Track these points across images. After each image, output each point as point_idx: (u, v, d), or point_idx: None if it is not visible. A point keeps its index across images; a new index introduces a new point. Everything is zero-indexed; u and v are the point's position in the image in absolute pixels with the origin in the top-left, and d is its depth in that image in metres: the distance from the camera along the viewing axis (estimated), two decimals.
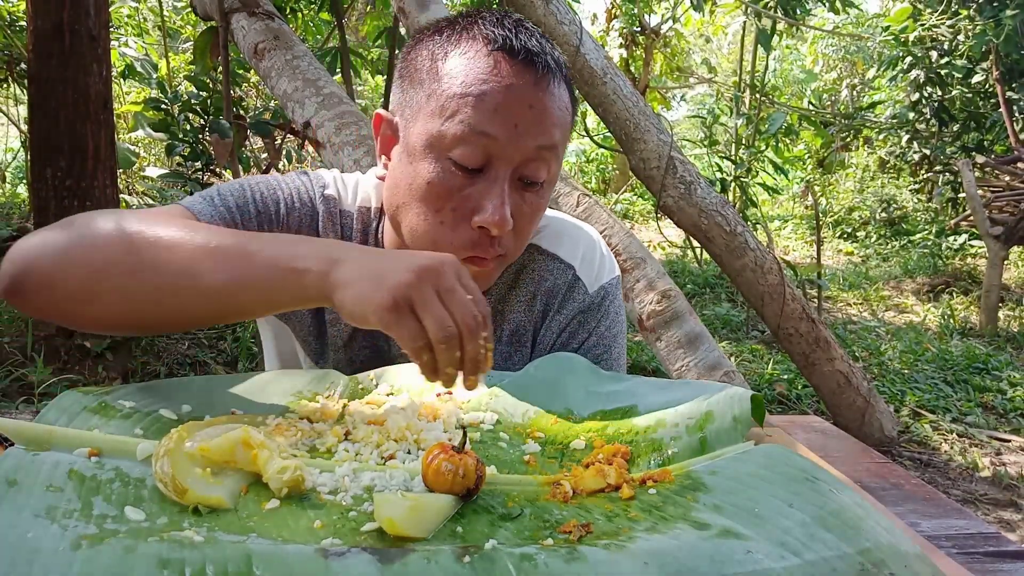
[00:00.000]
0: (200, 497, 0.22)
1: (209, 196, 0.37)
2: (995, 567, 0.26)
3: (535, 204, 0.36)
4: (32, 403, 1.18)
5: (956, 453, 1.41)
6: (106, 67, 1.43)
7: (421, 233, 0.35)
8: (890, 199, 3.87)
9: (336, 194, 0.40)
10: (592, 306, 0.41)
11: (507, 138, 0.33)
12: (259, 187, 0.38)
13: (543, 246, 0.41)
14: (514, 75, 0.33)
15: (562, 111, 0.35)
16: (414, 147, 0.35)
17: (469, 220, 0.34)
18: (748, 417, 0.30)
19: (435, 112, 0.34)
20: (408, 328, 0.26)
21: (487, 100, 0.33)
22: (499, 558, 0.20)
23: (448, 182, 0.34)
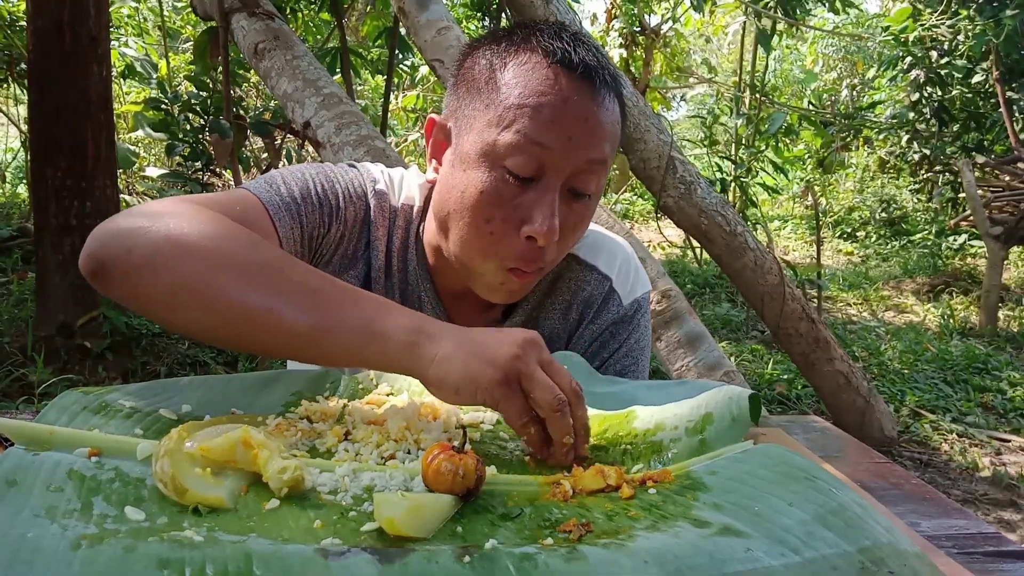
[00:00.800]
0: (200, 497, 0.22)
1: (275, 183, 0.36)
2: (995, 567, 0.26)
3: (581, 215, 0.36)
4: (32, 403, 1.18)
5: (956, 453, 1.41)
6: (106, 67, 1.43)
7: (470, 241, 0.36)
8: (890, 199, 3.87)
9: (387, 189, 0.41)
10: (625, 318, 0.42)
11: (561, 150, 0.34)
12: (319, 177, 0.38)
13: (581, 256, 0.42)
14: (572, 89, 0.34)
15: (614, 125, 0.36)
16: (468, 155, 0.35)
17: (518, 230, 0.35)
18: (747, 417, 0.30)
19: (492, 122, 0.35)
20: (518, 403, 0.27)
21: (544, 112, 0.34)
22: (499, 558, 0.20)
23: (500, 191, 0.34)
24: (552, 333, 0.42)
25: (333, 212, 0.38)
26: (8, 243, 2.04)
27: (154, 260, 0.28)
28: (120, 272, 0.29)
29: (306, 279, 0.29)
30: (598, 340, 0.42)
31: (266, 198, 0.35)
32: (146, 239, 0.29)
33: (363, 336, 0.28)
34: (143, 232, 0.29)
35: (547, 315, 0.42)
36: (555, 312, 0.42)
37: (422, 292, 0.41)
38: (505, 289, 0.37)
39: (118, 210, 1.47)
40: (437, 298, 0.41)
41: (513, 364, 0.26)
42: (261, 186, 0.36)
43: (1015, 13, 2.66)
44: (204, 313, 0.29)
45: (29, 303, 1.63)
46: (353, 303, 0.29)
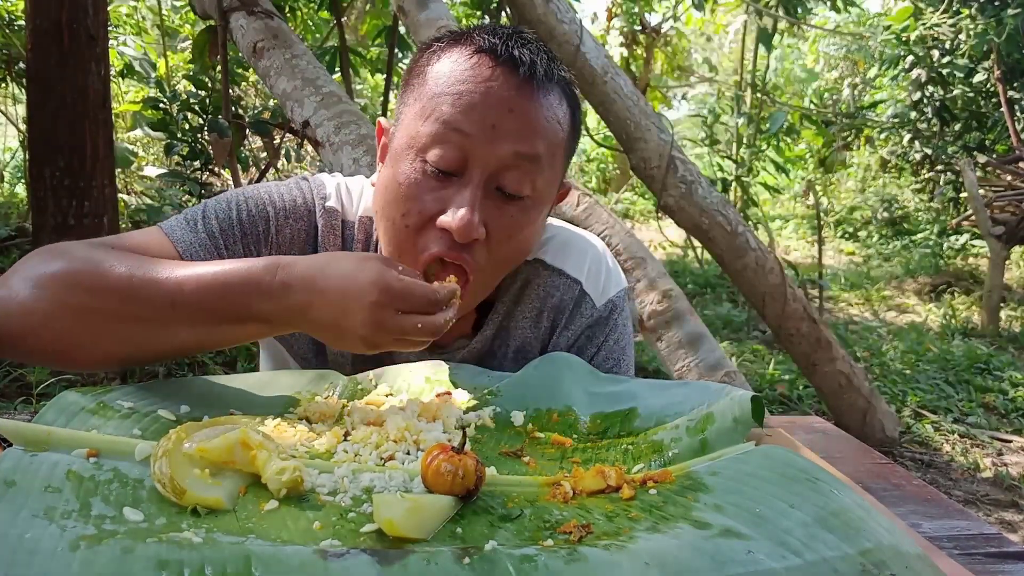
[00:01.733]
0: (199, 498, 0.22)
1: (193, 220, 0.36)
2: (996, 568, 0.25)
3: (517, 220, 0.34)
4: (30, 403, 1.18)
5: (958, 454, 1.41)
6: (105, 66, 1.43)
7: (390, 239, 0.35)
8: (892, 199, 3.87)
9: (339, 205, 0.39)
10: (600, 320, 0.40)
11: (482, 137, 0.32)
12: (249, 203, 0.37)
13: (548, 261, 0.40)
14: (495, 77, 0.32)
15: (551, 123, 0.33)
16: (396, 150, 0.34)
17: (435, 221, 0.33)
18: (748, 418, 0.30)
19: (418, 114, 0.34)
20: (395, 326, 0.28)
21: (464, 98, 0.32)
22: (499, 559, 0.20)
23: (420, 184, 0.33)
24: (524, 342, 0.40)
25: (261, 237, 0.37)
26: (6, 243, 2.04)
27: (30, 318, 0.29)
28: (9, 341, 0.30)
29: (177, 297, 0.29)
30: (574, 346, 0.40)
31: (178, 236, 0.35)
32: (17, 304, 0.29)
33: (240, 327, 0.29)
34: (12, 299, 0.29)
35: (517, 324, 0.40)
36: (525, 321, 0.40)
37: None
38: None
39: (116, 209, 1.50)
40: None
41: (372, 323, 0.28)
42: (177, 225, 0.36)
43: (1016, 12, 2.65)
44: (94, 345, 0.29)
45: None
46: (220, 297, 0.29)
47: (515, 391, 0.35)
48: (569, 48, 1.19)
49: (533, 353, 0.41)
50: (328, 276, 0.29)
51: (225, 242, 0.36)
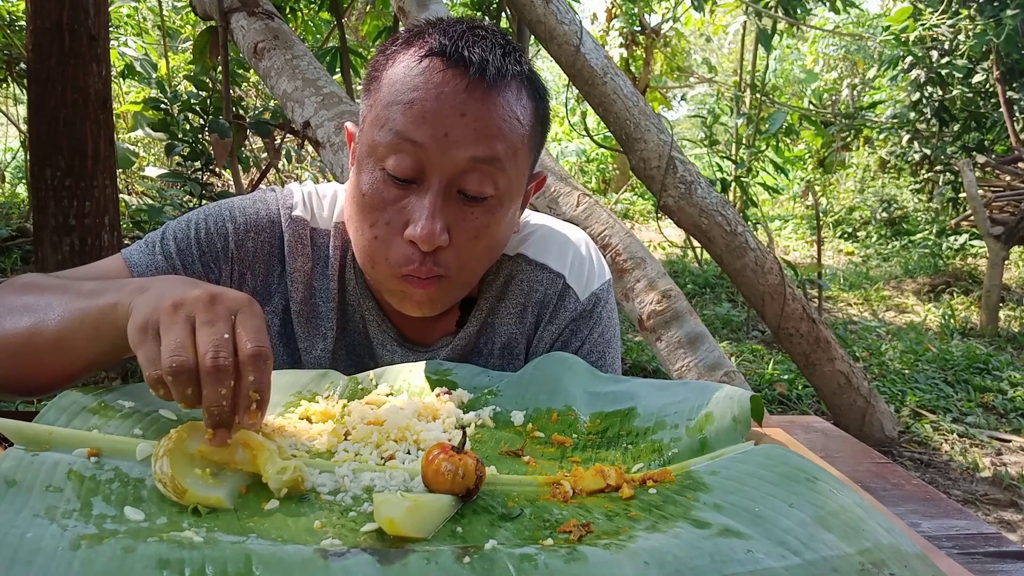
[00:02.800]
0: (200, 497, 0.22)
1: (151, 243, 0.36)
2: (996, 567, 0.25)
3: (482, 221, 0.33)
4: (31, 403, 1.18)
5: (957, 453, 1.41)
6: (105, 67, 1.43)
7: (360, 248, 0.34)
8: (891, 199, 3.87)
9: (307, 214, 0.38)
10: (584, 313, 0.40)
11: (436, 147, 0.31)
12: (208, 221, 0.37)
13: (530, 256, 0.40)
14: (445, 82, 0.31)
15: (508, 122, 0.32)
16: (359, 158, 0.34)
17: (402, 234, 0.33)
18: (748, 417, 0.30)
19: (374, 121, 0.33)
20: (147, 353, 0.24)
21: (415, 107, 0.31)
22: (499, 558, 0.20)
23: (382, 193, 0.32)
24: (509, 338, 0.40)
25: (219, 255, 0.37)
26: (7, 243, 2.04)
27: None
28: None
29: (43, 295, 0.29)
30: (559, 340, 0.39)
31: (135, 260, 0.36)
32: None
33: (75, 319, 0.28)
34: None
35: (502, 320, 0.39)
36: (510, 317, 0.39)
37: (365, 311, 0.38)
38: (411, 300, 0.34)
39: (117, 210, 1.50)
40: (383, 314, 0.38)
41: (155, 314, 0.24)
42: (137, 249, 0.36)
43: (1016, 13, 2.65)
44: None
45: None
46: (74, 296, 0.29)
47: (515, 391, 0.35)
48: (569, 49, 1.19)
49: (519, 349, 0.40)
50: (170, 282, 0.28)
51: (183, 262, 0.36)
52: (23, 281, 0.32)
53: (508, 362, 0.40)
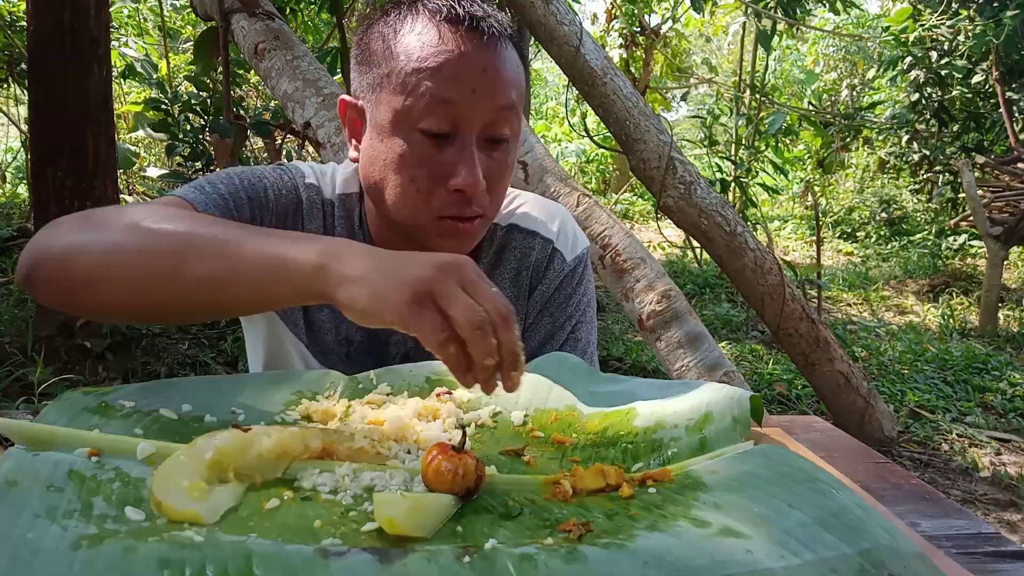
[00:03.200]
0: (176, 512, 0.22)
1: (200, 186, 0.37)
2: (995, 567, 0.25)
3: (503, 162, 0.37)
4: (32, 403, 1.18)
5: (956, 453, 1.41)
6: (106, 67, 1.43)
7: (401, 203, 0.37)
8: (890, 199, 3.86)
9: (316, 182, 0.41)
10: (570, 274, 0.44)
11: (468, 103, 0.35)
12: (244, 175, 0.39)
13: (521, 225, 0.44)
14: (464, 42, 0.35)
15: (514, 71, 0.37)
16: (382, 125, 0.36)
17: (444, 185, 0.36)
18: (747, 418, 0.30)
19: (397, 89, 0.35)
20: (431, 320, 0.24)
21: (444, 70, 0.34)
22: (499, 558, 0.20)
23: (420, 151, 0.35)
24: None
25: (264, 206, 0.38)
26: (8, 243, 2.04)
27: (70, 247, 0.30)
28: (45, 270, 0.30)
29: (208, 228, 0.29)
30: (550, 299, 0.43)
31: (193, 198, 0.36)
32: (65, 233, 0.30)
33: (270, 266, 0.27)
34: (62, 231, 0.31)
35: (497, 285, 0.42)
36: (505, 281, 0.43)
37: None
38: (450, 239, 0.37)
39: None
40: None
41: (425, 284, 0.24)
42: (188, 190, 0.37)
43: (1015, 13, 2.65)
44: (123, 283, 0.29)
45: (29, 303, 1.63)
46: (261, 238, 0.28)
47: None
48: (569, 49, 1.19)
49: (517, 310, 0.44)
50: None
51: (235, 203, 0.37)
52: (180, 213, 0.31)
53: None
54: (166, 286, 0.29)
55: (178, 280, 0.28)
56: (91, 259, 0.29)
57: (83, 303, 0.31)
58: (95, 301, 0.30)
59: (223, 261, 0.28)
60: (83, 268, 0.29)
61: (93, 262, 0.29)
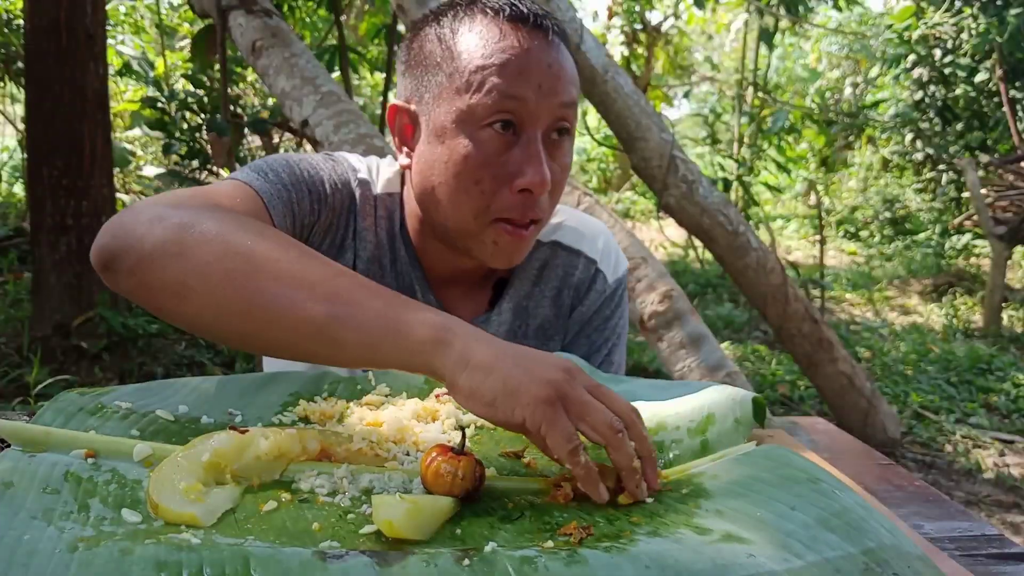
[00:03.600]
0: (173, 514, 0.22)
1: (262, 171, 0.36)
2: (998, 569, 0.25)
3: (563, 162, 0.37)
4: (28, 404, 1.18)
5: (960, 454, 1.41)
6: (103, 65, 1.43)
7: (462, 205, 0.36)
8: (893, 198, 3.84)
9: (369, 178, 0.41)
10: (610, 296, 0.44)
11: (534, 99, 0.35)
12: (302, 165, 0.38)
13: (565, 243, 0.43)
14: (528, 39, 0.35)
15: (572, 66, 0.37)
16: (443, 127, 0.36)
17: (509, 184, 0.35)
18: (750, 419, 0.29)
19: (460, 89, 0.35)
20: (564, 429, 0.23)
21: (510, 66, 0.34)
22: (499, 561, 0.20)
23: (485, 150, 0.35)
24: (544, 320, 0.43)
25: (322, 199, 0.38)
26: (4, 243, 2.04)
27: (164, 248, 0.27)
28: (130, 262, 0.28)
29: (322, 268, 0.27)
30: (588, 320, 0.43)
31: (259, 186, 0.35)
32: (158, 229, 0.28)
33: (383, 328, 0.25)
34: (154, 223, 0.28)
35: (537, 303, 0.43)
36: (545, 300, 0.43)
37: (414, 280, 0.41)
38: (504, 247, 0.37)
39: (114, 209, 1.48)
40: (427, 285, 0.41)
41: (560, 384, 0.24)
42: (251, 175, 0.35)
43: (1019, 12, 2.64)
44: (215, 301, 0.27)
45: (25, 303, 1.62)
46: (374, 294, 0.26)
47: None
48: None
49: (553, 330, 0.43)
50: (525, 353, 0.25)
51: (296, 196, 0.36)
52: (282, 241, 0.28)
53: (543, 343, 0.43)
54: (263, 318, 0.26)
55: (280, 320, 0.26)
56: (186, 269, 0.27)
57: (164, 309, 0.28)
58: (179, 312, 0.28)
59: (335, 309, 0.25)
60: (175, 276, 0.27)
61: (188, 273, 0.27)
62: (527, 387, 0.24)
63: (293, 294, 0.26)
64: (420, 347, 0.25)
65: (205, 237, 0.28)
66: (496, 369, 0.24)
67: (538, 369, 0.24)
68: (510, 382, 0.24)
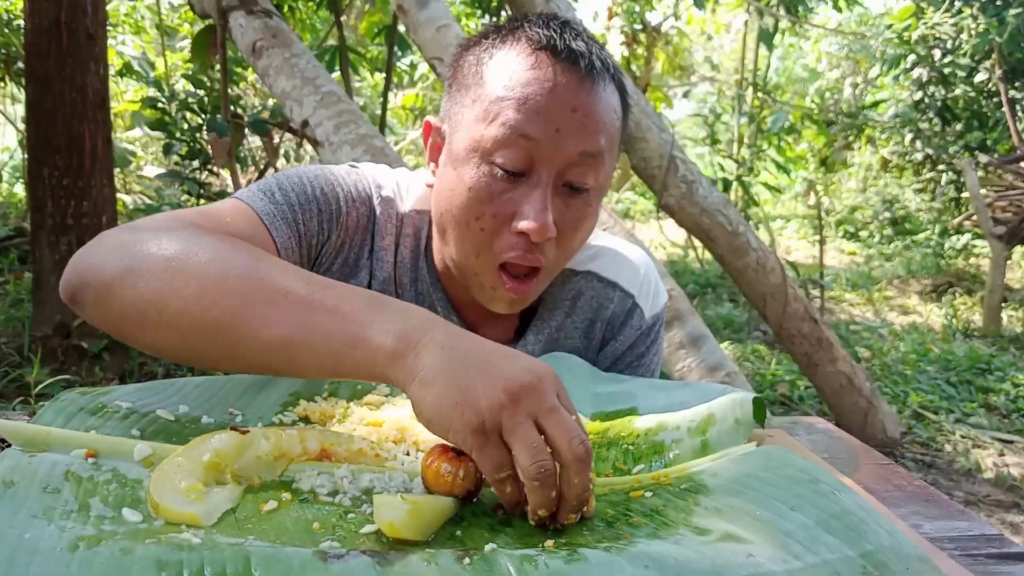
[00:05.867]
0: (174, 514, 0.21)
1: (269, 190, 0.35)
2: (998, 569, 0.25)
3: (581, 212, 0.34)
4: (29, 404, 1.18)
5: (959, 454, 1.41)
6: (103, 66, 1.42)
7: (462, 241, 0.35)
8: (893, 199, 3.86)
9: (394, 195, 0.39)
10: (646, 331, 0.42)
11: (549, 141, 0.32)
12: (318, 181, 0.36)
13: (602, 274, 0.41)
14: (556, 75, 0.32)
15: (609, 115, 0.34)
16: (458, 153, 0.34)
17: (510, 225, 0.33)
18: (750, 419, 0.29)
19: (479, 117, 0.33)
20: (492, 458, 0.22)
21: (529, 103, 0.32)
22: (499, 559, 0.20)
23: (490, 187, 0.33)
24: (574, 352, 0.41)
25: (333, 218, 0.36)
26: (5, 243, 2.04)
27: (121, 278, 0.27)
28: (92, 293, 0.28)
29: (280, 283, 0.26)
30: (622, 356, 0.41)
31: (260, 207, 0.34)
32: (116, 258, 0.28)
33: (343, 344, 0.24)
34: (114, 252, 0.28)
35: (568, 335, 0.40)
36: (576, 331, 0.41)
37: (435, 302, 0.39)
38: (501, 295, 0.35)
39: (115, 209, 1.47)
40: (451, 307, 0.39)
41: (495, 413, 0.22)
42: (255, 195, 0.35)
43: (1019, 12, 2.64)
44: (176, 328, 0.26)
45: (26, 303, 1.62)
46: (333, 307, 0.25)
47: None
48: None
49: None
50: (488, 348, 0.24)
51: (304, 216, 0.35)
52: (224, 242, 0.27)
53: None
54: (222, 344, 0.26)
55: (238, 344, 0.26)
56: (142, 298, 0.26)
57: (130, 337, 0.28)
58: (143, 339, 0.28)
59: (292, 330, 0.25)
60: (133, 304, 0.26)
61: (145, 302, 0.26)
62: (458, 415, 0.22)
63: (243, 315, 0.25)
64: (377, 359, 0.24)
65: (158, 262, 0.27)
66: (435, 386, 0.23)
67: (476, 391, 0.23)
68: (443, 406, 0.23)
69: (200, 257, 0.27)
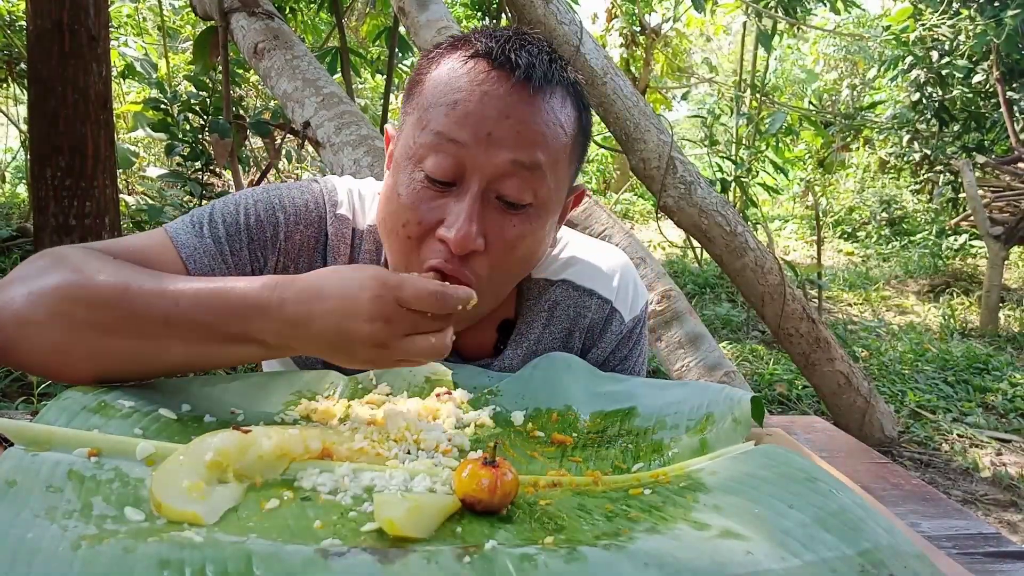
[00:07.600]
0: (176, 512, 0.22)
1: (199, 223, 0.35)
2: (995, 567, 0.26)
3: (519, 231, 0.32)
4: (31, 403, 1.17)
5: (956, 453, 1.41)
6: (106, 67, 1.43)
7: (393, 248, 0.34)
8: (891, 199, 3.88)
9: (350, 212, 0.38)
10: (627, 335, 0.41)
11: (477, 147, 0.31)
12: (258, 207, 0.36)
13: (577, 282, 0.40)
14: (491, 82, 0.31)
15: (552, 128, 0.32)
16: (397, 160, 0.34)
17: (435, 232, 0.32)
18: (748, 418, 0.30)
19: (416, 123, 0.33)
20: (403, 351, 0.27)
21: (458, 107, 0.31)
22: (499, 558, 0.20)
23: (419, 194, 0.32)
24: None
25: (268, 244, 0.36)
26: (8, 243, 2.04)
27: (25, 324, 0.28)
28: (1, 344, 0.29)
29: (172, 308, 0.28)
30: (604, 361, 0.41)
31: (183, 240, 0.34)
32: (12, 308, 0.28)
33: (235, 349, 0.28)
34: (8, 302, 0.28)
35: (547, 347, 0.40)
36: (555, 342, 0.40)
37: None
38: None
39: (117, 210, 1.48)
40: None
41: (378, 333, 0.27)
42: (182, 227, 0.35)
43: (1016, 13, 2.66)
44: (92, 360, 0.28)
45: None
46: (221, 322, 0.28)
47: (515, 391, 0.35)
48: (569, 49, 1.19)
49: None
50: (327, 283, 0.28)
51: (231, 247, 0.35)
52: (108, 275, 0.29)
53: None
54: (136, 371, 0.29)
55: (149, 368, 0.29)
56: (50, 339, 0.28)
57: (55, 376, 0.29)
58: (67, 375, 0.29)
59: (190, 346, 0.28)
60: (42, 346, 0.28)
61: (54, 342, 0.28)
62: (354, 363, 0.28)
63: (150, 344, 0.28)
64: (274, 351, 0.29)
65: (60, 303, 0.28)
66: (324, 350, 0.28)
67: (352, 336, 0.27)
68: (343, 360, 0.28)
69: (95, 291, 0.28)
